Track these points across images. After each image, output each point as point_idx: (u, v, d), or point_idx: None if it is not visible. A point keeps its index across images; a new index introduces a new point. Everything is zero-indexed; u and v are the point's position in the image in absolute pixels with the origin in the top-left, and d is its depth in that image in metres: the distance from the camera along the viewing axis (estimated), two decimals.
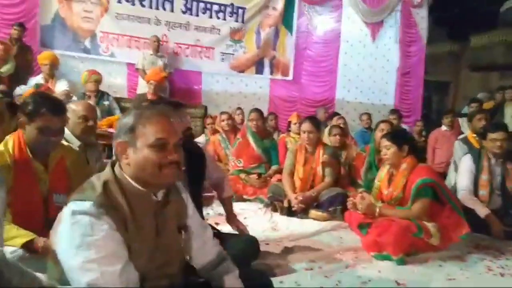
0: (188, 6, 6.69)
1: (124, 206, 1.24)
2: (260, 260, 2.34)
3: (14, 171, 1.95)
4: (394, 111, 6.46)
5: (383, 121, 3.95)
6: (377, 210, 2.83)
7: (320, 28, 7.49)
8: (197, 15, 6.75)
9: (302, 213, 3.35)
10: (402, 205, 2.86)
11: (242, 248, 2.11)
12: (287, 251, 2.63)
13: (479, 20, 10.40)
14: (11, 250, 1.72)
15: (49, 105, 1.97)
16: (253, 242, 2.23)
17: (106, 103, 5.31)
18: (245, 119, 4.93)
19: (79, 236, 1.14)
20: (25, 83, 5.27)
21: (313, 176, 3.51)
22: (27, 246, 1.74)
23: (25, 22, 5.85)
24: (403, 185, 2.85)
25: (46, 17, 6.20)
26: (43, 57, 5.40)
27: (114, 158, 1.34)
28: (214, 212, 3.41)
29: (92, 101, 5.16)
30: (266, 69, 7.22)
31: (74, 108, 2.48)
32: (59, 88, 5.42)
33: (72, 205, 1.19)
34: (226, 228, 2.56)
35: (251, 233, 2.89)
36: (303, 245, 2.75)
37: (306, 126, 3.58)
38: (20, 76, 5.44)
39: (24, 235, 1.76)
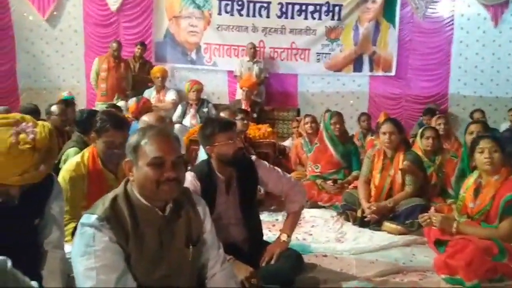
0: (284, 10, 6.76)
1: (128, 219, 1.37)
2: (309, 273, 2.29)
3: (88, 180, 2.33)
4: None
5: (473, 122, 3.42)
6: (454, 226, 2.49)
7: (428, 17, 6.79)
8: (293, 18, 6.78)
9: (376, 224, 3.13)
10: (488, 222, 2.46)
11: (284, 263, 2.10)
12: (344, 265, 2.49)
13: None
14: None
15: (112, 122, 2.29)
16: (296, 257, 2.18)
17: (205, 109, 5.71)
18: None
19: (83, 245, 1.32)
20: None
21: (391, 184, 3.25)
22: None
23: (143, 40, 6.70)
24: (491, 198, 2.45)
25: (159, 34, 6.98)
26: (155, 71, 6.14)
27: None
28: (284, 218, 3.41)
29: (193, 109, 5.66)
30: (365, 66, 6.86)
31: (146, 120, 2.78)
32: (168, 98, 6.08)
33: (83, 218, 1.38)
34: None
35: (313, 243, 2.85)
36: (365, 260, 2.58)
37: (386, 127, 3.32)
38: (142, 88, 6.25)
39: None
